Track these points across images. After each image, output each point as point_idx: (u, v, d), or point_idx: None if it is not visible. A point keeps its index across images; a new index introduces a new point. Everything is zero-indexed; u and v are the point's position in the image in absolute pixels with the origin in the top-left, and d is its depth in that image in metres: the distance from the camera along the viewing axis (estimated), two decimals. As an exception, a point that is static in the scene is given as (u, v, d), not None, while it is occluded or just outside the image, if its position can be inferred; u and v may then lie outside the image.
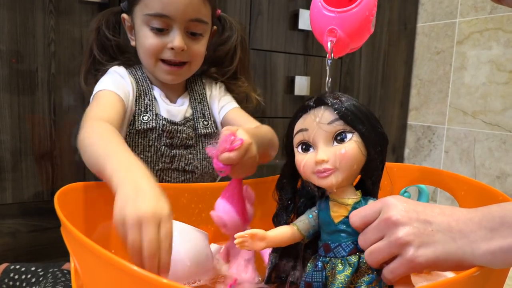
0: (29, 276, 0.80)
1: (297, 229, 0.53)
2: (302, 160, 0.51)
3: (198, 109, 0.85)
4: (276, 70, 1.23)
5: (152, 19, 0.74)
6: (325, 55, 0.56)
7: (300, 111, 0.52)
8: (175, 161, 0.80)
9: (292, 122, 0.53)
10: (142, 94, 0.80)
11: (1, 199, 0.90)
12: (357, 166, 0.50)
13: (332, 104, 0.49)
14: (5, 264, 0.84)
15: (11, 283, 0.80)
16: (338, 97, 0.50)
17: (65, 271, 0.79)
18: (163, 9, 0.74)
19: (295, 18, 1.24)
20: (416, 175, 0.77)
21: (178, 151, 0.80)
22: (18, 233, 0.93)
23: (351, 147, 0.49)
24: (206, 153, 0.82)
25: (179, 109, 0.82)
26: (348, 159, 0.48)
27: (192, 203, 0.72)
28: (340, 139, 0.49)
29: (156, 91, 0.82)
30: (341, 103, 0.49)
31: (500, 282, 0.50)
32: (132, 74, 0.81)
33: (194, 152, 0.82)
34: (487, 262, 0.41)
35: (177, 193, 0.70)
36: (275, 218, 0.58)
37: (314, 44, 1.29)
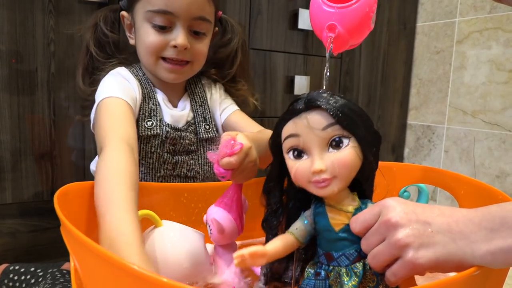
0: (29, 277, 0.80)
1: (295, 238, 0.50)
2: (295, 167, 0.48)
3: (200, 113, 0.83)
4: (276, 70, 1.23)
5: (155, 16, 0.72)
6: (325, 55, 0.56)
7: (289, 114, 0.49)
8: (177, 168, 0.78)
9: (280, 125, 0.50)
10: (147, 98, 0.77)
11: (1, 199, 0.90)
12: (355, 171, 0.48)
13: (326, 107, 0.46)
14: (5, 265, 0.84)
15: (11, 284, 0.80)
16: (330, 98, 0.47)
17: (64, 271, 0.79)
18: (167, 6, 0.72)
19: (295, 18, 1.24)
20: (416, 175, 0.77)
21: (180, 158, 0.78)
22: (18, 233, 0.93)
23: (349, 154, 0.46)
24: (208, 158, 0.82)
25: (182, 114, 0.80)
26: (347, 167, 0.46)
27: (192, 203, 0.71)
28: (336, 145, 0.46)
29: (159, 95, 0.80)
30: (335, 105, 0.46)
31: (500, 282, 0.50)
32: (135, 75, 0.79)
33: (196, 158, 0.81)
34: (488, 263, 0.41)
35: (177, 193, 0.70)
36: (264, 224, 0.56)
37: (314, 44, 1.29)
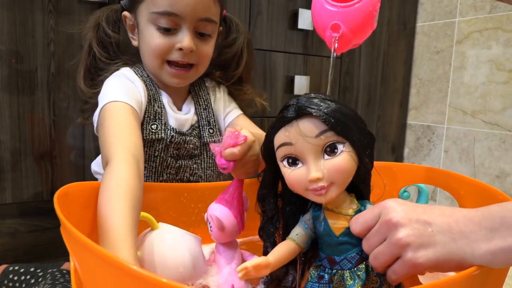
0: (28, 277, 0.80)
1: (296, 244, 0.50)
2: (291, 176, 0.48)
3: (204, 116, 0.81)
4: (276, 70, 1.23)
5: (160, 18, 0.70)
6: (325, 55, 0.55)
7: (280, 122, 0.48)
8: (180, 172, 0.77)
9: (271, 133, 0.49)
10: (152, 100, 0.75)
11: (1, 199, 0.90)
12: (351, 176, 0.48)
13: (318, 114, 0.45)
14: (4, 266, 0.83)
15: (11, 284, 0.80)
16: (321, 104, 0.46)
17: (64, 271, 0.79)
18: (172, 7, 0.69)
19: (295, 18, 1.24)
20: (416, 175, 0.77)
21: (184, 162, 0.78)
22: (18, 233, 0.93)
23: (345, 159, 0.46)
24: (210, 163, 0.81)
25: (186, 118, 0.79)
26: (344, 173, 0.46)
27: (192, 203, 0.71)
28: (331, 151, 0.46)
29: (164, 97, 0.78)
30: (327, 111, 0.45)
31: (500, 281, 0.50)
32: (140, 76, 0.77)
33: (199, 162, 0.80)
34: (488, 262, 0.41)
35: (177, 193, 0.70)
36: (261, 232, 0.56)
37: (314, 44, 1.29)
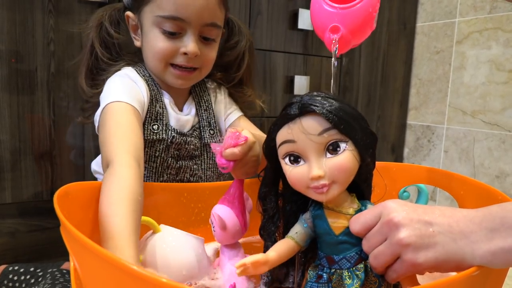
0: (28, 277, 0.80)
1: (295, 242, 0.50)
2: (293, 174, 0.48)
3: (204, 117, 0.82)
4: (276, 70, 1.23)
5: (165, 22, 0.70)
6: (325, 55, 0.55)
7: (283, 119, 0.48)
8: (181, 173, 0.78)
9: (274, 130, 0.49)
10: (154, 101, 0.75)
11: (1, 199, 0.90)
12: (353, 174, 0.48)
13: (321, 112, 0.45)
14: (4, 266, 0.83)
15: (10, 284, 0.80)
16: (324, 102, 0.46)
17: (64, 271, 0.79)
18: (178, 12, 0.69)
19: (295, 18, 1.24)
20: (416, 175, 0.77)
21: (184, 162, 0.78)
22: (18, 233, 0.93)
23: (347, 158, 0.46)
24: (210, 163, 0.81)
25: (187, 119, 0.79)
26: (346, 171, 0.46)
27: (192, 203, 0.71)
28: (333, 149, 0.46)
29: (166, 97, 0.78)
30: (330, 109, 0.45)
31: (499, 282, 0.50)
32: (142, 76, 0.76)
33: (199, 162, 0.80)
34: (488, 263, 0.41)
35: (177, 193, 0.70)
36: (262, 231, 0.56)
37: (314, 44, 1.29)
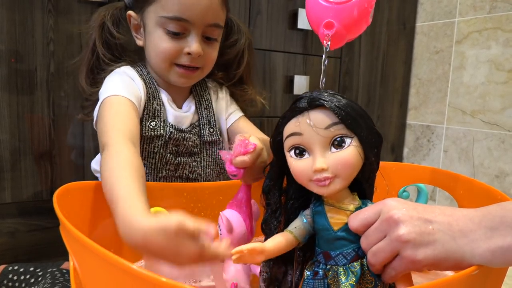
0: (28, 277, 0.80)
1: (294, 237, 0.50)
2: (297, 166, 0.48)
3: (204, 116, 0.82)
4: (275, 70, 1.23)
5: (169, 22, 0.71)
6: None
7: (292, 113, 0.49)
8: (179, 169, 0.78)
9: (282, 124, 0.50)
10: (151, 98, 0.76)
11: (0, 199, 0.90)
12: (356, 171, 0.48)
13: (330, 106, 0.46)
14: (3, 266, 0.83)
15: (10, 284, 0.80)
16: (333, 98, 0.47)
17: (64, 271, 0.79)
18: (182, 13, 0.70)
19: (294, 18, 1.24)
20: (415, 175, 0.77)
21: (183, 159, 0.78)
22: (17, 233, 0.92)
23: (352, 153, 0.46)
24: (210, 161, 0.82)
25: (186, 116, 0.80)
26: (349, 166, 0.46)
27: (191, 203, 0.72)
28: (338, 144, 0.46)
29: (164, 95, 0.79)
30: (338, 105, 0.46)
31: (499, 281, 0.50)
32: (140, 75, 0.77)
33: (198, 160, 0.80)
34: (487, 261, 0.41)
35: (176, 193, 0.70)
36: (264, 225, 0.56)
37: (313, 44, 1.29)
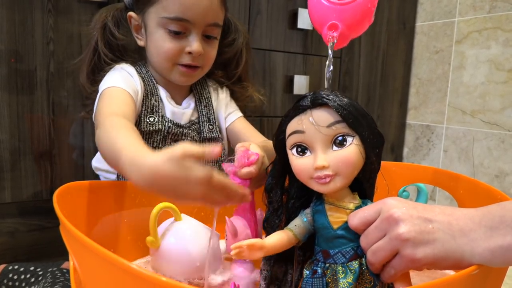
0: (28, 276, 0.80)
1: (293, 235, 0.51)
2: (298, 164, 0.49)
3: (204, 113, 0.83)
4: (275, 69, 1.23)
5: (170, 23, 0.72)
6: (325, 54, 0.55)
7: (295, 111, 0.49)
8: None
9: (285, 122, 0.51)
10: (149, 94, 0.78)
11: (0, 199, 0.90)
12: (357, 170, 0.48)
13: (332, 105, 0.47)
14: (3, 265, 0.83)
15: (10, 284, 0.80)
16: (336, 96, 0.47)
17: (64, 270, 0.79)
18: (183, 13, 0.72)
19: (294, 17, 1.23)
20: (415, 174, 0.77)
21: None
22: (17, 233, 0.93)
23: (353, 152, 0.47)
24: (211, 162, 0.81)
25: (185, 112, 0.81)
26: (350, 165, 0.47)
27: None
28: (340, 143, 0.47)
29: (162, 92, 0.80)
30: (341, 103, 0.47)
31: (499, 281, 0.50)
32: (139, 73, 0.79)
33: None
34: (487, 261, 0.41)
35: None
36: (266, 223, 0.56)
37: (313, 44, 1.29)
